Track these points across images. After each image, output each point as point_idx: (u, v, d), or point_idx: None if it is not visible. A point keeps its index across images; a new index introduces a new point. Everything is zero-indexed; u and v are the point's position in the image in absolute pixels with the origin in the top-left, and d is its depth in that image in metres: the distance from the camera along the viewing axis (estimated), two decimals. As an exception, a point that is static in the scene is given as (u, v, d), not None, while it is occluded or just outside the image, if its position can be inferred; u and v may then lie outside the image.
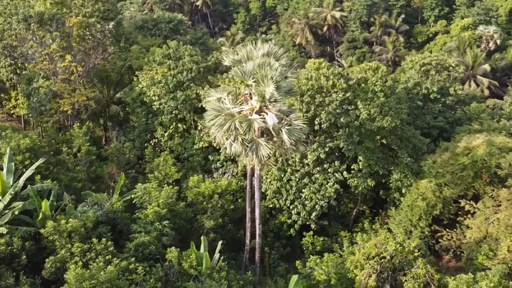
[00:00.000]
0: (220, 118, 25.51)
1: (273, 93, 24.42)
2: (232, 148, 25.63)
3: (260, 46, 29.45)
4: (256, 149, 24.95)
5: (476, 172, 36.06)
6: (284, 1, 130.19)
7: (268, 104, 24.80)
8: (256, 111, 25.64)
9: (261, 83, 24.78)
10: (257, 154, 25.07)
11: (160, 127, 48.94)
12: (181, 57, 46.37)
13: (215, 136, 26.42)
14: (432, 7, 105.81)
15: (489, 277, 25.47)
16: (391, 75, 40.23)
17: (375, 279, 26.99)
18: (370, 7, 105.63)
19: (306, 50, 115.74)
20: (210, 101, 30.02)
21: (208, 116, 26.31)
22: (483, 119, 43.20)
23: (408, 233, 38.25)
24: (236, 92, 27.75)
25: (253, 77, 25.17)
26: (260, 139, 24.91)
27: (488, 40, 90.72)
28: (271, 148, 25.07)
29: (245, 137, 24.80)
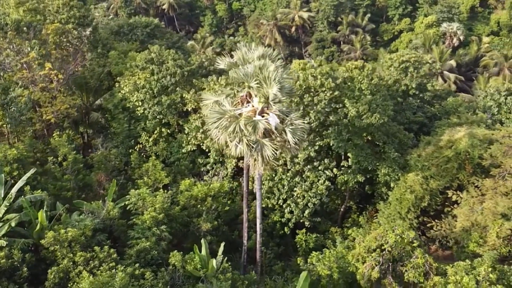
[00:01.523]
0: (224, 120, 25.84)
1: (276, 94, 24.97)
2: (238, 150, 26.00)
3: (254, 48, 29.98)
4: (261, 149, 25.46)
5: (460, 164, 37.54)
6: (250, 3, 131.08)
7: (273, 105, 25.29)
8: (258, 112, 26.12)
9: (264, 85, 25.31)
10: (262, 154, 25.59)
11: (144, 133, 48.78)
12: (164, 61, 46.34)
13: (218, 139, 26.63)
14: (396, 6, 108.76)
15: (486, 262, 26.73)
16: (376, 73, 41.41)
17: (378, 270, 27.90)
18: (336, 7, 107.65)
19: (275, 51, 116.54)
20: (207, 105, 30.41)
21: (211, 119, 26.58)
22: (461, 113, 44.95)
23: (393, 223, 39.47)
24: (235, 94, 28.13)
25: (255, 78, 25.62)
26: (264, 140, 25.41)
27: (452, 37, 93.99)
28: (276, 148, 25.59)
29: (250, 138, 25.21)
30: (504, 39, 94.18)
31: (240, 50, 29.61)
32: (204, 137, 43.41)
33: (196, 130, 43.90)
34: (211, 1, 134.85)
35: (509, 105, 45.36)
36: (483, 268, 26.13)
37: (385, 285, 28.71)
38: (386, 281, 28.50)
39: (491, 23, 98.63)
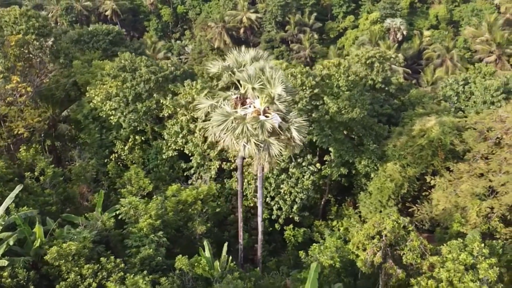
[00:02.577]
0: (229, 122, 26.49)
1: (281, 93, 25.94)
2: (246, 150, 26.71)
3: (244, 50, 30.83)
4: (268, 148, 26.33)
5: (434, 151, 40.03)
6: (195, 6, 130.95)
7: (279, 104, 26.22)
8: (261, 112, 26.97)
9: (268, 85, 26.19)
10: (270, 153, 26.47)
11: (118, 142, 48.33)
12: (136, 68, 46.10)
13: (224, 140, 27.21)
14: (340, 4, 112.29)
15: (477, 239, 28.92)
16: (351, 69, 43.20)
17: (381, 255, 29.51)
18: (283, 7, 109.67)
19: (225, 53, 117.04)
20: (201, 109, 30.97)
21: (215, 121, 27.14)
22: (425, 103, 47.68)
23: (378, 213, 41.48)
24: (233, 96, 28.84)
25: (258, 80, 26.44)
26: (270, 139, 26.30)
27: (395, 32, 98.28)
28: (282, 146, 26.54)
29: (257, 138, 26.01)
30: (443, 32, 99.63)
31: (232, 54, 30.34)
32: (185, 142, 43.64)
33: (176, 135, 44.04)
34: (155, 5, 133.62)
35: (466, 94, 48.61)
36: (476, 244, 28.27)
37: (385, 269, 30.37)
38: (387, 265, 30.17)
39: (430, 17, 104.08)
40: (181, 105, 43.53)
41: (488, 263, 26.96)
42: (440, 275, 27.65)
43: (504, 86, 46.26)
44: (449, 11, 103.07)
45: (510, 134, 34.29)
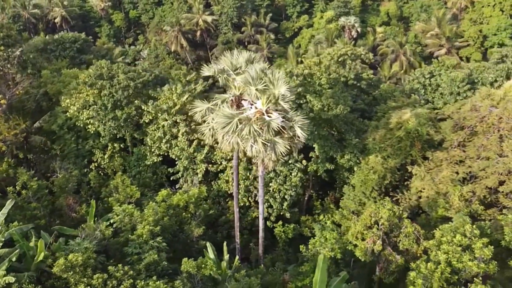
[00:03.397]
0: (233, 124, 27.09)
1: (285, 93, 26.82)
2: (253, 150, 27.37)
3: (237, 53, 31.52)
4: (273, 147, 27.13)
5: (411, 142, 42.02)
6: (148, 10, 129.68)
7: (283, 104, 27.08)
8: (264, 113, 27.74)
9: (271, 86, 26.99)
10: (275, 151, 27.27)
11: (98, 150, 47.77)
12: (114, 75, 45.72)
13: (228, 142, 27.75)
14: (294, 4, 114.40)
15: (467, 222, 30.87)
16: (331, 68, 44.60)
17: (381, 243, 30.96)
18: (239, 9, 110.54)
19: (182, 57, 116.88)
20: (198, 112, 31.47)
21: (219, 124, 27.66)
22: (396, 97, 49.83)
23: (362, 205, 43.20)
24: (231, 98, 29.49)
25: (261, 81, 27.18)
26: (275, 138, 27.11)
27: (350, 29, 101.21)
28: (287, 145, 27.41)
29: (263, 137, 26.77)
30: (394, 28, 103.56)
31: (226, 58, 30.94)
32: (169, 146, 43.73)
33: (159, 141, 44.05)
34: (106, 11, 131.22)
35: (433, 86, 51.16)
36: (468, 226, 30.20)
37: (385, 256, 31.87)
38: (386, 252, 31.67)
39: (382, 14, 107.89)
40: (163, 110, 43.57)
41: (482, 242, 28.88)
42: (438, 257, 29.31)
43: (468, 77, 49.07)
44: (399, 8, 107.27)
45: (484, 122, 36.68)
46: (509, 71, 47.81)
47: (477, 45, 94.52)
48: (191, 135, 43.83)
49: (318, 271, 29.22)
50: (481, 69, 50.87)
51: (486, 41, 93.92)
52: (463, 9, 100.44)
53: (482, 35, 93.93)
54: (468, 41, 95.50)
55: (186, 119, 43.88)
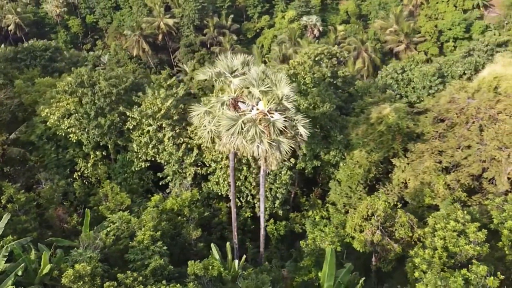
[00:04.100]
0: (238, 126, 27.66)
1: (289, 94, 27.63)
2: (260, 150, 27.99)
3: (231, 56, 32.06)
4: (278, 146, 27.87)
5: (392, 135, 43.73)
6: (106, 15, 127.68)
7: (287, 104, 27.87)
8: (267, 113, 28.44)
9: (274, 87, 27.73)
10: (280, 151, 28.02)
11: (80, 159, 47.15)
12: (95, 82, 45.24)
13: (233, 143, 28.26)
14: (255, 5, 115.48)
15: (458, 208, 32.61)
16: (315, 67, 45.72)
17: (379, 234, 32.29)
18: (200, 11, 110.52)
19: (144, 61, 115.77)
20: (195, 116, 31.84)
21: (224, 126, 28.13)
22: (372, 93, 51.56)
23: (348, 199, 44.64)
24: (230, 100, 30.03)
25: (264, 83, 27.86)
26: (280, 137, 27.87)
27: (312, 29, 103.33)
28: (291, 144, 28.23)
29: (269, 138, 27.49)
30: (354, 26, 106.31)
31: (221, 61, 31.40)
32: (157, 151, 43.72)
33: (146, 146, 43.95)
34: (61, 17, 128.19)
35: (405, 81, 53.26)
36: (459, 212, 31.95)
37: (383, 246, 33.22)
38: (384, 242, 33.03)
39: (341, 13, 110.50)
40: (148, 115, 43.50)
41: (475, 226, 30.66)
42: (435, 244, 30.86)
43: (438, 71, 51.39)
44: (357, 6, 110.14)
45: (463, 114, 38.72)
46: (477, 64, 50.46)
47: (433, 40, 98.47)
48: (177, 139, 43.96)
49: (326, 265, 30.23)
50: (450, 63, 53.38)
51: (442, 36, 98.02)
52: (418, 6, 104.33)
53: (438, 30, 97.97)
54: (425, 36, 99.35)
55: (171, 123, 43.96)
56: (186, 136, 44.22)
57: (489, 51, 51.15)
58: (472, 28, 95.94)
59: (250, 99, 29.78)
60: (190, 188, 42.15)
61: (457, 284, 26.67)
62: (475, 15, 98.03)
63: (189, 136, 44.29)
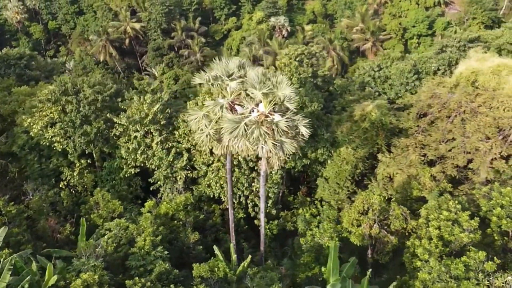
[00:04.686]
0: (241, 128, 28.12)
1: (291, 95, 28.31)
2: (264, 151, 28.54)
3: (226, 60, 32.49)
4: (281, 147, 28.51)
5: (376, 132, 45.13)
6: (69, 20, 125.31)
7: (289, 105, 28.54)
8: (268, 115, 29.04)
9: (275, 89, 28.35)
10: (283, 151, 28.67)
11: (66, 168, 46.53)
12: (79, 90, 44.72)
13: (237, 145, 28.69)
14: (222, 7, 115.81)
15: (449, 199, 34.09)
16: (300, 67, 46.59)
17: (377, 227, 33.41)
18: (167, 14, 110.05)
19: (111, 66, 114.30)
20: (192, 120, 32.13)
21: (227, 129, 28.52)
22: (352, 91, 52.93)
23: (336, 195, 45.73)
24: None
25: (265, 85, 28.41)
26: (282, 138, 28.51)
27: (280, 29, 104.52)
28: (294, 144, 28.90)
29: (273, 138, 28.10)
30: (321, 25, 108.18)
31: (218, 65, 31.77)
32: (146, 157, 43.60)
33: (134, 152, 43.77)
34: (22, 23, 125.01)
35: (382, 78, 54.92)
36: (451, 202, 33.44)
37: (381, 238, 34.38)
38: (381, 234, 34.19)
39: (308, 13, 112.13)
40: (136, 121, 43.35)
41: (466, 215, 32.19)
42: (430, 233, 32.23)
43: (413, 68, 53.25)
44: (323, 6, 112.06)
45: (446, 108, 40.40)
46: (450, 59, 52.53)
47: (398, 37, 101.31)
48: (165, 143, 43.98)
49: (330, 259, 31.09)
50: (424, 59, 55.35)
51: (406, 33, 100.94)
52: (382, 4, 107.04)
53: (402, 28, 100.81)
54: (390, 34, 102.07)
55: (159, 128, 43.94)
56: (174, 141, 44.29)
57: (462, 47, 53.38)
58: (434, 25, 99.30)
59: (248, 102, 30.38)
60: (183, 192, 42.24)
61: (458, 270, 28.01)
62: (436, 12, 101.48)
63: (177, 140, 44.37)
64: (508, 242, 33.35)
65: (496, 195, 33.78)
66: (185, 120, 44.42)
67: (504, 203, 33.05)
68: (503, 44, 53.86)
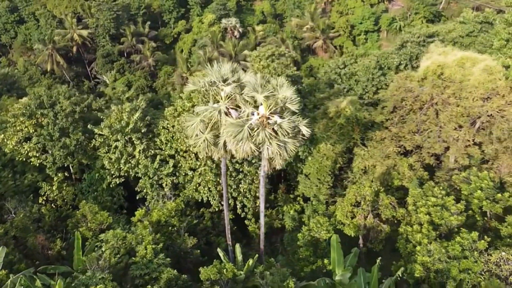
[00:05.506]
0: (245, 131, 28.86)
1: (291, 96, 29.34)
2: (269, 152, 29.38)
3: (218, 66, 33.13)
4: (285, 147, 29.49)
5: (352, 127, 47.06)
6: (9, 29, 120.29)
7: (291, 106, 29.56)
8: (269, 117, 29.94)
9: (276, 91, 29.31)
10: (287, 151, 29.65)
11: (44, 183, 45.44)
12: (55, 102, 43.73)
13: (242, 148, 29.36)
14: (170, 10, 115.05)
15: (435, 186, 36.36)
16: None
17: (372, 217, 35.13)
18: (115, 19, 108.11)
19: (59, 75, 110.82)
20: (189, 126, 32.55)
21: (230, 133, 29.15)
22: (321, 89, 54.69)
23: (316, 190, 47.28)
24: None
25: (265, 88, 29.31)
26: (285, 138, 29.50)
27: (232, 30, 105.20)
28: (296, 143, 29.99)
29: (277, 139, 29.06)
30: (271, 25, 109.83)
31: (212, 72, 32.31)
32: (131, 166, 43.34)
33: (118, 162, 43.38)
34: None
35: (347, 75, 57.11)
36: (436, 189, 35.72)
37: (373, 228, 36.15)
38: (374, 224, 35.96)
39: (257, 13, 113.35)
40: (117, 130, 42.99)
41: (451, 199, 34.55)
42: (420, 219, 34.30)
43: (377, 63, 55.76)
44: (272, 6, 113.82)
45: (419, 101, 42.84)
46: (411, 54, 55.45)
47: (346, 34, 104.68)
48: (147, 151, 43.90)
49: (333, 251, 32.48)
50: (385, 55, 58.00)
51: (354, 30, 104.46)
52: (329, 3, 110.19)
53: (350, 25, 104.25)
54: (339, 31, 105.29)
55: (140, 136, 43.79)
56: (157, 148, 44.29)
57: (422, 42, 56.43)
58: (380, 21, 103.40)
59: (245, 105, 31.19)
60: (172, 198, 42.36)
61: (455, 250, 30.15)
62: (381, 9, 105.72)
63: (159, 147, 44.39)
64: (487, 222, 36.10)
65: (475, 179, 36.39)
66: (165, 126, 44.63)
67: (483, 185, 35.71)
68: (456, 37, 57.45)
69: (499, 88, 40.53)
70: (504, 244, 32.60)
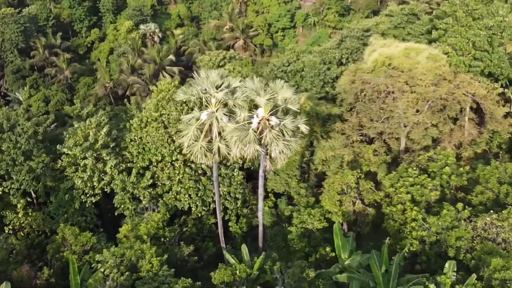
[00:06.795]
0: (251, 135, 29.76)
1: (291, 97, 30.63)
2: (276, 151, 30.46)
3: (205, 74, 33.65)
4: (288, 146, 30.76)
5: (312, 121, 49.41)
6: None
7: (291, 106, 30.84)
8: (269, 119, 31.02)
9: (276, 94, 30.47)
10: (290, 149, 30.93)
11: (8, 211, 42.78)
12: (14, 125, 41.22)
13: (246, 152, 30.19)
14: (81, 19, 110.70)
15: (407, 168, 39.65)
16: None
17: (359, 202, 37.58)
18: (23, 32, 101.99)
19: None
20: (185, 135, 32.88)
21: (235, 137, 29.89)
22: (272, 87, 56.40)
23: (285, 185, 49.14)
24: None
25: (265, 92, 30.35)
26: (288, 138, 30.80)
27: (152, 36, 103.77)
28: (298, 142, 31.38)
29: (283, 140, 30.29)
30: (189, 28, 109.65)
31: (202, 79, 32.73)
32: (105, 183, 42.14)
33: (91, 181, 41.91)
34: None
35: (292, 72, 59.45)
36: (411, 169, 39.06)
37: (360, 212, 38.67)
38: (361, 208, 38.48)
39: (173, 17, 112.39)
40: (86, 148, 41.58)
41: (425, 177, 38.04)
42: (401, 199, 37.35)
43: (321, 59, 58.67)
44: (188, 8, 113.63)
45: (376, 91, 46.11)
46: (352, 48, 59.02)
47: (265, 32, 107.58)
48: (119, 166, 42.95)
49: (336, 238, 34.47)
50: (325, 51, 61.07)
51: (272, 28, 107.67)
52: (245, 2, 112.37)
53: (267, 23, 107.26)
54: (257, 30, 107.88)
55: (110, 151, 42.73)
56: (127, 161, 43.48)
57: (361, 37, 60.16)
58: (295, 18, 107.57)
59: (240, 109, 32.09)
60: (156, 210, 41.89)
61: (446, 221, 33.48)
62: (294, 6, 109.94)
63: (129, 160, 43.61)
64: (454, 194, 40.21)
65: (441, 157, 40.28)
66: (132, 138, 43.99)
67: (449, 162, 39.66)
68: (384, 29, 61.99)
69: (444, 73, 44.97)
70: (477, 211, 36.68)
